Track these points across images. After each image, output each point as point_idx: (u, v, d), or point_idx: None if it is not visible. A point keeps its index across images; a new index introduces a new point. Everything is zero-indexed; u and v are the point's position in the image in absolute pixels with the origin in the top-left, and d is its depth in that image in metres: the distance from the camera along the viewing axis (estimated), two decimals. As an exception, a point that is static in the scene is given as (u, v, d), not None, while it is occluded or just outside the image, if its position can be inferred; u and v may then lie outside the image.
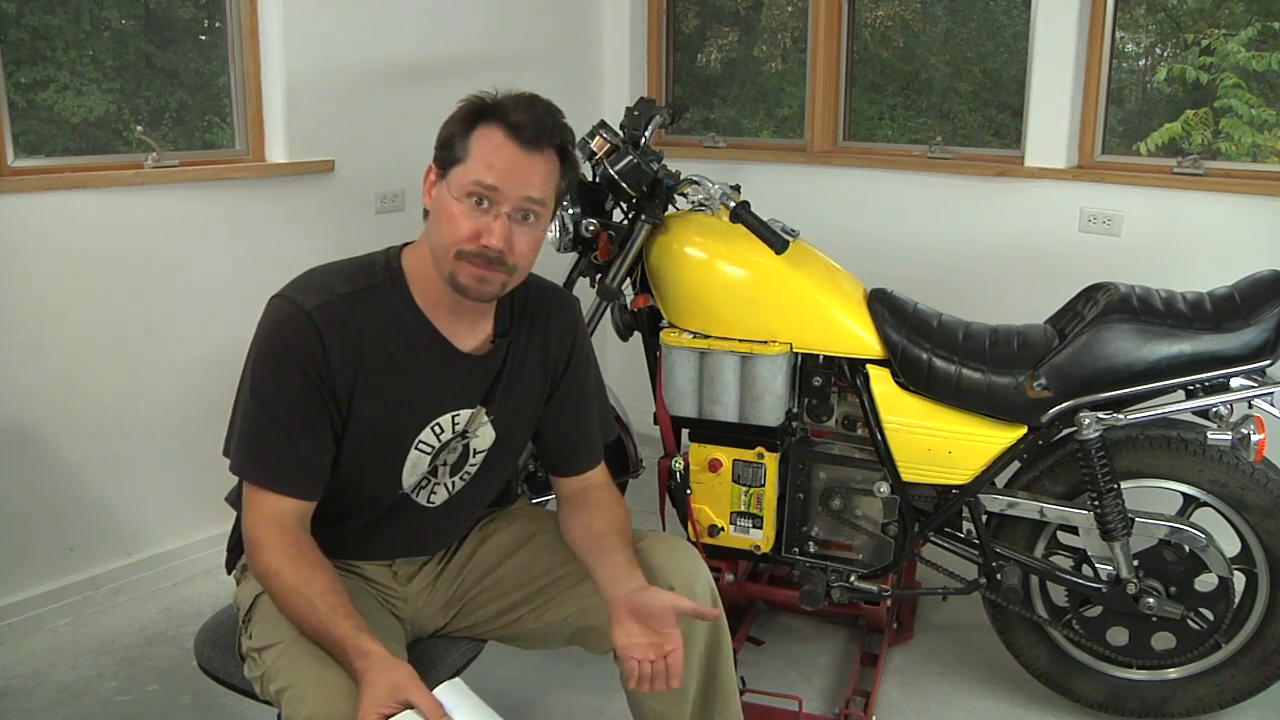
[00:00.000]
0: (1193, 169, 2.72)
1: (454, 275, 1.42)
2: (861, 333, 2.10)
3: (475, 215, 1.40)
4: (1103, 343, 1.96)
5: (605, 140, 2.18)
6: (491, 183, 1.39)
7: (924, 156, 3.19)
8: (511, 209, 1.40)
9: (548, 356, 1.62)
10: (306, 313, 1.41)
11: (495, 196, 1.40)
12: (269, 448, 1.43)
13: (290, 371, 1.41)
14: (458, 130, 1.43)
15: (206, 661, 1.61)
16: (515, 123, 1.40)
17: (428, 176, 1.48)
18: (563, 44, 3.61)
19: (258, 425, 1.43)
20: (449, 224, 1.41)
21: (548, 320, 1.62)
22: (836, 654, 2.47)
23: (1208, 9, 3.13)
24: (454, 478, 1.60)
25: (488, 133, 1.41)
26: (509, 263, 1.42)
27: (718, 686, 1.63)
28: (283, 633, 1.42)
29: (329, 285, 1.45)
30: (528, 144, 1.41)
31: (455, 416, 1.54)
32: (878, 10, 3.71)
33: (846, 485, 2.17)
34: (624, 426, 2.47)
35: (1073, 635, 2.14)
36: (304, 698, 1.32)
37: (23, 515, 2.49)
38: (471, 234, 1.40)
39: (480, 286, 1.43)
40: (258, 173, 2.82)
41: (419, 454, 1.53)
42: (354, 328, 1.44)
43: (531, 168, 1.41)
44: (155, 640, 2.50)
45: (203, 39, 2.98)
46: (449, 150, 1.43)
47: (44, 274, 2.45)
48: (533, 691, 2.28)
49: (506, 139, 1.40)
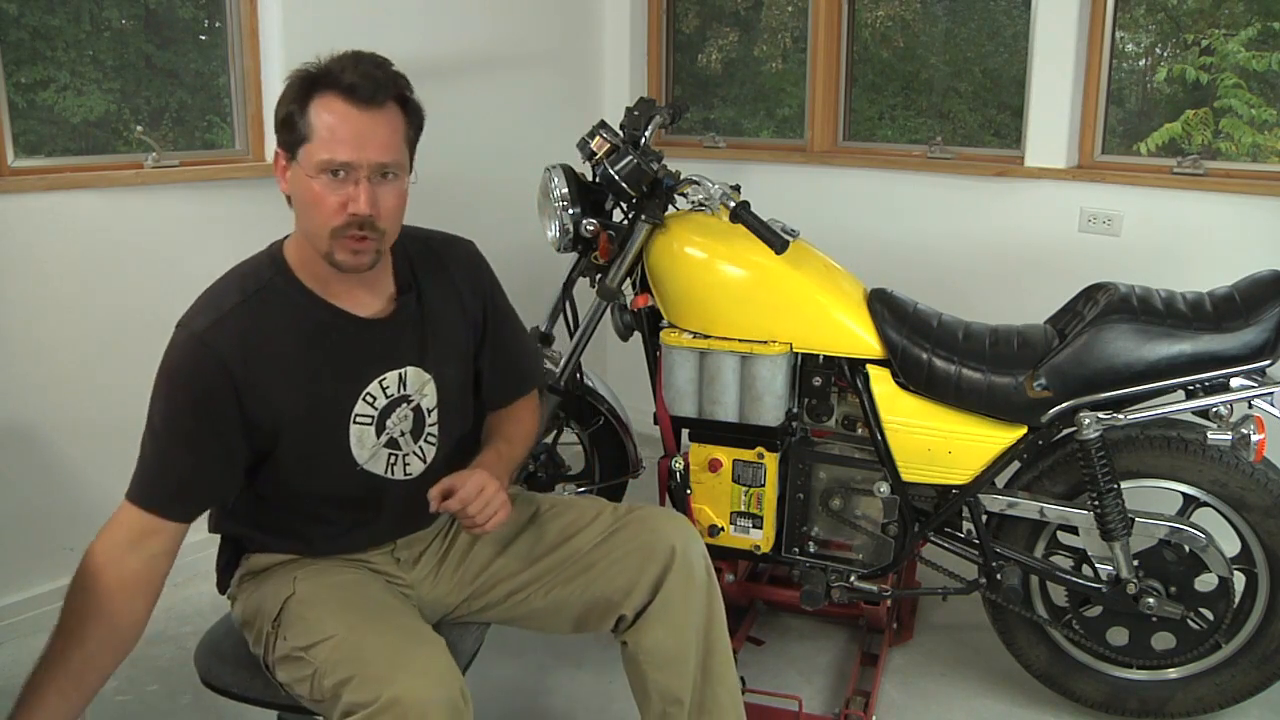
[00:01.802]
0: (1193, 169, 2.72)
1: (331, 254, 1.43)
2: (861, 333, 2.10)
3: (336, 188, 1.39)
4: (1103, 343, 1.96)
5: (605, 140, 2.18)
6: (344, 158, 1.38)
7: (924, 156, 3.19)
8: (370, 173, 1.40)
9: (462, 302, 1.63)
10: (198, 336, 1.42)
11: (349, 168, 1.39)
12: (146, 468, 1.43)
13: (178, 398, 1.42)
14: (294, 108, 1.41)
15: (214, 677, 1.59)
16: (349, 85, 1.38)
17: (277, 162, 1.46)
18: (563, 44, 3.60)
19: (144, 449, 1.44)
20: (315, 206, 1.41)
21: (455, 268, 1.63)
22: (836, 654, 2.47)
23: (1208, 9, 3.13)
24: (419, 443, 1.60)
25: (324, 102, 1.39)
26: (379, 226, 1.42)
27: (714, 660, 1.66)
28: (332, 625, 1.43)
29: (217, 303, 1.46)
30: (366, 102, 1.39)
31: (382, 381, 1.54)
32: (878, 10, 3.71)
33: (846, 485, 2.17)
34: (624, 426, 2.47)
35: (1073, 635, 2.14)
36: (382, 682, 1.33)
37: (23, 515, 2.49)
38: (338, 207, 1.39)
39: (357, 260, 1.43)
40: (258, 173, 2.82)
41: (360, 427, 1.53)
42: (252, 333, 1.44)
43: (375, 128, 1.40)
44: (155, 640, 2.49)
45: (203, 39, 2.98)
46: (291, 130, 1.41)
47: (44, 274, 2.45)
48: (533, 691, 2.28)
49: (345, 104, 1.38)
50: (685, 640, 1.63)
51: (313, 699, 1.44)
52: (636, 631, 1.63)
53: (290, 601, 1.51)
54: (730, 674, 1.70)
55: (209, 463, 1.44)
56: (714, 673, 1.67)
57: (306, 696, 1.45)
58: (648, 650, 1.63)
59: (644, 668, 1.64)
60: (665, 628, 1.62)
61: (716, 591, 1.67)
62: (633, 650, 1.65)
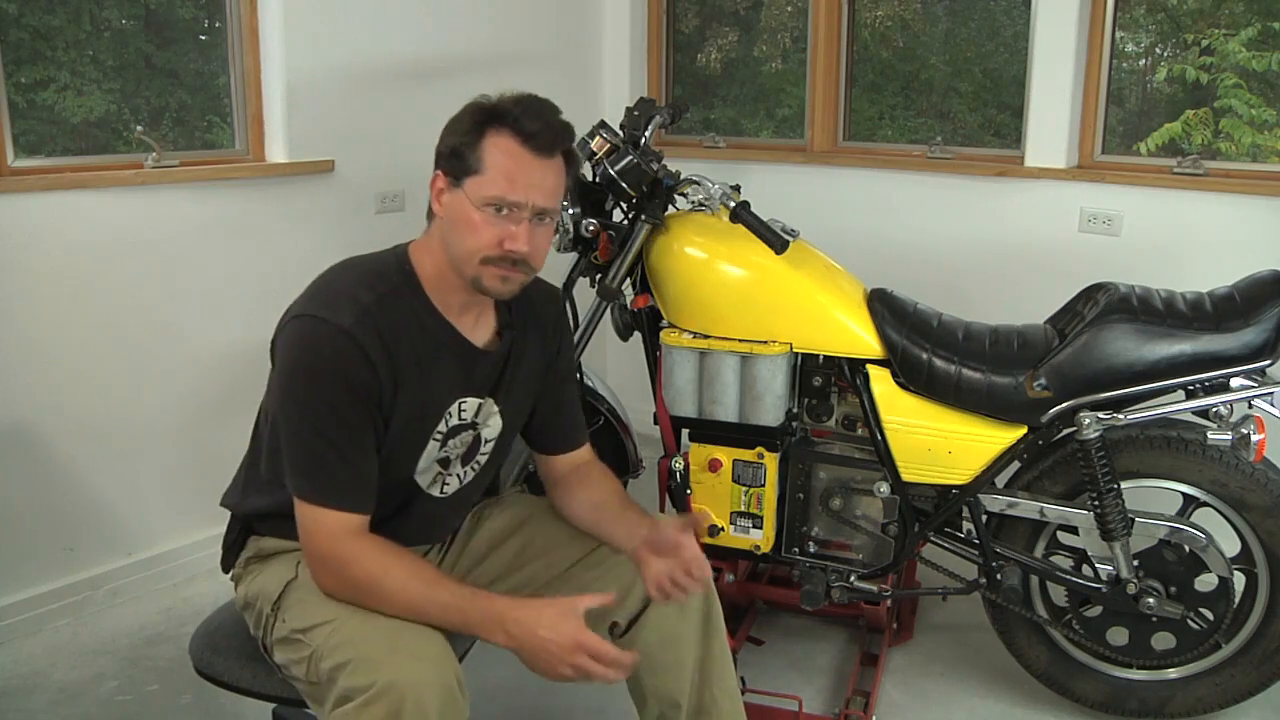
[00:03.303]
0: (1193, 169, 2.72)
1: (479, 279, 1.48)
2: (861, 333, 2.10)
3: (497, 223, 1.44)
4: (1103, 343, 1.96)
5: (605, 140, 2.18)
6: (515, 199, 1.44)
7: (924, 156, 3.19)
8: (531, 215, 1.45)
9: (544, 345, 1.69)
10: (345, 331, 1.43)
11: (516, 206, 1.44)
12: (327, 468, 1.45)
13: (337, 391, 1.43)
14: (467, 139, 1.45)
15: (207, 666, 1.60)
16: (529, 131, 1.43)
17: (435, 184, 1.50)
18: (563, 44, 3.61)
19: (313, 448, 1.45)
20: (472, 233, 1.45)
21: (541, 310, 1.68)
22: (836, 654, 2.47)
23: (1208, 9, 3.13)
24: (465, 468, 1.64)
25: (500, 142, 1.44)
26: (531, 265, 1.49)
27: (713, 662, 1.66)
28: (332, 610, 1.44)
29: (354, 296, 1.46)
30: (542, 151, 1.45)
31: (462, 404, 1.58)
32: (878, 10, 3.71)
33: (846, 485, 2.17)
34: (624, 426, 2.47)
35: (1073, 635, 2.14)
36: (379, 666, 1.34)
37: (23, 515, 2.49)
38: (495, 241, 1.45)
39: (504, 287, 1.49)
40: (258, 173, 2.82)
41: (434, 443, 1.58)
42: (386, 333, 1.46)
43: (545, 175, 1.46)
44: (155, 640, 2.50)
45: (203, 39, 2.98)
46: (460, 160, 1.45)
47: (44, 274, 2.45)
48: (533, 691, 2.28)
49: (522, 149, 1.44)
50: (681, 646, 1.63)
51: (308, 681, 1.44)
52: (631, 639, 1.62)
53: (292, 585, 1.52)
54: (729, 675, 1.69)
55: (372, 446, 1.48)
56: (712, 674, 1.66)
57: (303, 679, 1.46)
58: (642, 657, 1.61)
59: (639, 673, 1.63)
60: (659, 635, 1.61)
61: (714, 594, 1.67)
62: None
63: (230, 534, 1.66)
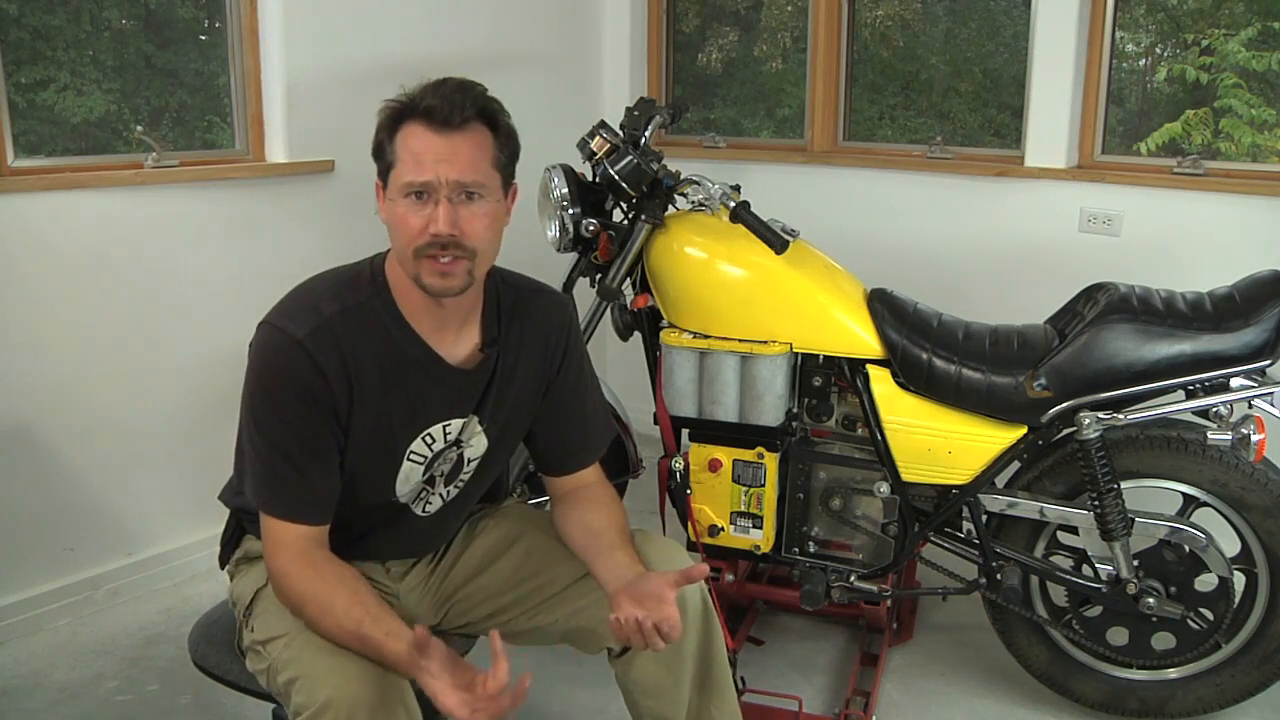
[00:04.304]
0: (1193, 169, 2.72)
1: (419, 276, 1.42)
2: (861, 333, 2.10)
3: (417, 210, 1.40)
4: (1103, 343, 1.96)
5: (605, 140, 2.18)
6: (423, 179, 1.39)
7: (924, 156, 3.19)
8: (449, 193, 1.40)
9: (542, 360, 1.62)
10: (298, 342, 1.41)
11: (428, 188, 1.40)
12: (281, 480, 1.44)
13: (289, 402, 1.42)
14: (384, 136, 1.44)
15: (202, 658, 1.62)
16: (426, 109, 1.40)
17: (378, 192, 1.48)
18: (563, 44, 3.61)
19: (267, 460, 1.44)
20: (400, 227, 1.42)
21: (539, 324, 1.61)
22: (836, 654, 2.47)
23: (1208, 9, 3.13)
24: (449, 487, 1.61)
25: (408, 129, 1.42)
26: (467, 245, 1.41)
27: (713, 682, 1.63)
28: (288, 624, 1.43)
29: (316, 308, 1.45)
30: (443, 125, 1.40)
31: (446, 426, 1.54)
32: (878, 10, 3.71)
33: (846, 485, 2.17)
34: (624, 426, 2.46)
35: (1073, 635, 2.14)
36: (319, 684, 1.33)
37: (23, 515, 2.49)
38: (420, 229, 1.40)
39: (445, 282, 1.42)
40: (258, 173, 2.82)
41: (411, 464, 1.54)
42: (346, 347, 1.44)
43: (454, 149, 1.40)
44: (155, 640, 2.50)
45: (203, 39, 2.98)
46: (382, 158, 1.45)
47: (44, 274, 2.45)
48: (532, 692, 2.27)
49: (425, 129, 1.40)
50: (677, 669, 1.58)
51: (272, 691, 1.45)
52: (624, 662, 1.59)
53: (261, 593, 1.52)
54: (728, 691, 1.65)
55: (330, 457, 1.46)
56: (711, 690, 1.63)
57: (269, 689, 1.46)
58: (635, 681, 1.59)
59: (634, 695, 1.61)
60: (654, 660, 1.56)
61: (713, 613, 1.62)
62: (622, 679, 1.61)
63: (228, 530, 1.67)
